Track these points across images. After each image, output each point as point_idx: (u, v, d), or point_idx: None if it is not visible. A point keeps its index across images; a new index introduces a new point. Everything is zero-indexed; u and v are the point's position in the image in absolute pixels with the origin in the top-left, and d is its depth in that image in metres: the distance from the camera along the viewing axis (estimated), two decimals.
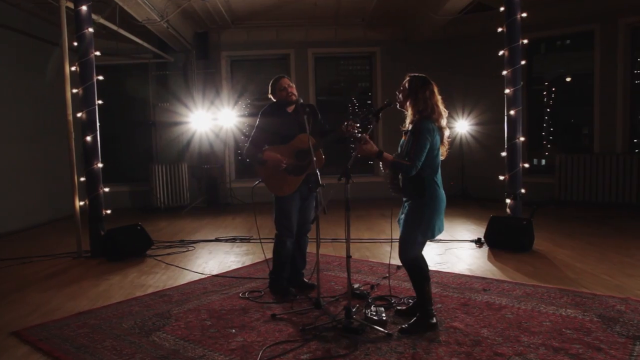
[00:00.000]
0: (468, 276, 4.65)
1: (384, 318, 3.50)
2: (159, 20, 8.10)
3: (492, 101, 9.55)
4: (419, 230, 3.25)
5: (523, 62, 5.86)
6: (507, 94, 5.90)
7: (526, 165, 6.11)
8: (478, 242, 5.99)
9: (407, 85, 3.32)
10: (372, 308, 3.64)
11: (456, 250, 5.74)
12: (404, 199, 3.40)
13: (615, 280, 4.43)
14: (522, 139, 5.88)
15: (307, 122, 3.85)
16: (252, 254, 5.93)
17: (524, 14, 5.81)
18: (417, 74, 3.37)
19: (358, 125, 3.32)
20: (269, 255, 4.45)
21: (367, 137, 3.26)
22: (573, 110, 10.14)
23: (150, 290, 4.50)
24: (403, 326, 3.33)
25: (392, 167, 3.23)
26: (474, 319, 3.54)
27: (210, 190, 10.42)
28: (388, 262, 4.91)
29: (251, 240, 6.69)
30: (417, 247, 3.33)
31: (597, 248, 5.64)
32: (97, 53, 5.93)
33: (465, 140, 10.39)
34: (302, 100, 4.03)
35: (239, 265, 5.35)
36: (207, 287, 4.54)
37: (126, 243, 5.82)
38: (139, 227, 6.02)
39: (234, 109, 10.53)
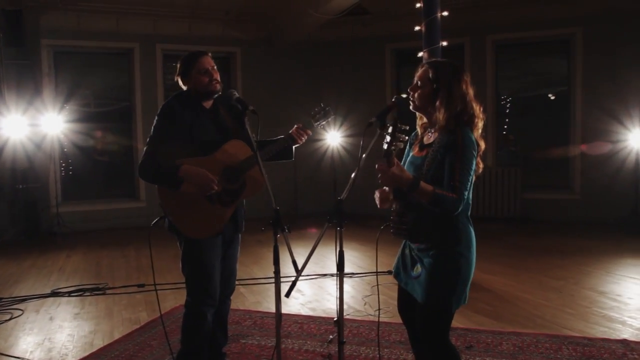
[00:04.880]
0: None
1: None
2: None
3: (364, 111, 9.02)
4: (454, 295, 2.15)
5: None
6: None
7: None
8: None
9: (432, 75, 2.19)
10: None
11: (381, 287, 4.75)
12: (417, 247, 2.26)
13: (578, 313, 3.94)
14: None
15: (246, 124, 2.53)
16: (118, 313, 4.19)
17: (445, 13, 5.16)
18: (440, 59, 2.27)
19: (388, 136, 2.04)
20: (165, 308, 2.92)
21: (395, 159, 2.05)
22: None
23: None
24: None
25: (433, 202, 2.06)
26: None
27: (29, 218, 7.93)
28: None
29: (108, 292, 4.86)
30: (449, 323, 2.23)
31: (525, 272, 5.23)
32: None
33: (337, 153, 9.67)
34: (236, 94, 2.64)
35: (108, 339, 3.60)
36: None
37: None
38: None
39: (60, 113, 8.23)
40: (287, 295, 2.16)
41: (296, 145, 2.85)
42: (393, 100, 2.25)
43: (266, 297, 4.61)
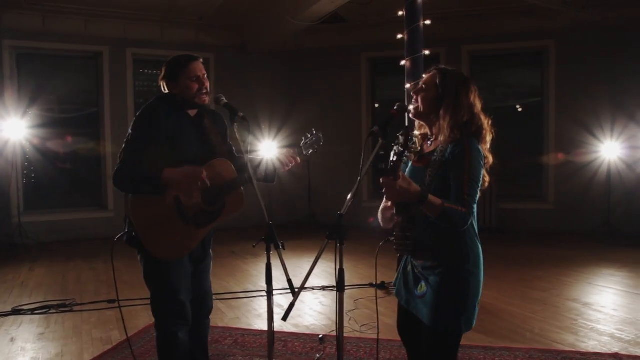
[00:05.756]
0: None
1: None
2: None
3: (340, 119, 8.97)
4: (464, 317, 2.02)
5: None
6: (410, 110, 5.11)
7: None
8: (382, 286, 4.95)
9: (439, 80, 2.08)
10: None
11: (365, 302, 4.62)
12: (422, 265, 2.12)
13: (566, 326, 3.90)
14: None
15: (235, 131, 2.38)
16: (87, 333, 3.91)
17: (428, 22, 5.11)
18: (448, 67, 2.15)
19: (397, 149, 1.88)
20: (132, 329, 2.70)
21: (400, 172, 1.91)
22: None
23: None
24: None
25: (441, 217, 1.93)
26: None
27: None
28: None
29: (75, 309, 4.55)
30: (458, 345, 2.10)
31: (506, 283, 5.19)
32: None
33: (313, 162, 9.54)
34: (224, 99, 2.48)
35: None
36: None
37: None
38: None
39: (23, 118, 7.85)
40: (284, 318, 2.00)
41: (281, 171, 2.72)
42: (395, 108, 2.13)
43: (245, 313, 4.41)
